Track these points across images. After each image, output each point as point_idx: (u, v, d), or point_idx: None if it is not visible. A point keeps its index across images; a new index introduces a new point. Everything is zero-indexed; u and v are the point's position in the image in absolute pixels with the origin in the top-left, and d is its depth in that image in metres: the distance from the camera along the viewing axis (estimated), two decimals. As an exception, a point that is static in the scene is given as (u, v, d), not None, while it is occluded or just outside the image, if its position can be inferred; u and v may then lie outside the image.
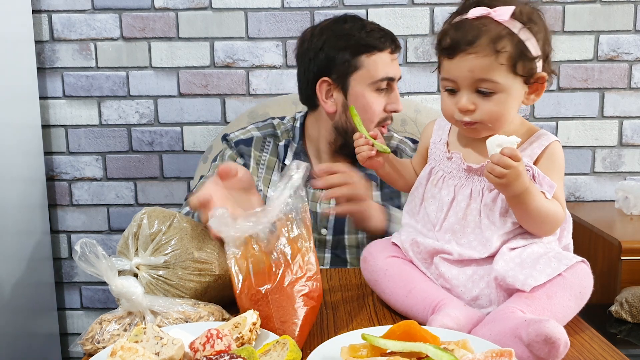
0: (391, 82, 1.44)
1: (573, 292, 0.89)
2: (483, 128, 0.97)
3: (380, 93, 1.44)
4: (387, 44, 1.42)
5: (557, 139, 0.99)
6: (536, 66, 0.95)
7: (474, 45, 0.92)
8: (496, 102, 0.95)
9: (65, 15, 2.12)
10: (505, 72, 0.93)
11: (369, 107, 1.43)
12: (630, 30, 2.11)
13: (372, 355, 0.75)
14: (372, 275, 1.06)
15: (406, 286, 0.99)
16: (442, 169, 1.04)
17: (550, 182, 0.94)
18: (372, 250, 1.08)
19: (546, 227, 0.95)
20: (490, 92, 0.94)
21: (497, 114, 0.95)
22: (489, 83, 0.93)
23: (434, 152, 1.07)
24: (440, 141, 1.07)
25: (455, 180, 1.02)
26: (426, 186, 1.06)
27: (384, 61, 1.42)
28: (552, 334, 0.76)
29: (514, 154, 0.87)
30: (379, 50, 1.41)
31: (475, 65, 0.93)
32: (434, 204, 1.03)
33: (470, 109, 0.95)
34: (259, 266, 0.91)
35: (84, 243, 0.84)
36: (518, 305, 0.87)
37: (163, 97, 2.17)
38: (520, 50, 0.93)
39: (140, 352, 0.72)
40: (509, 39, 0.92)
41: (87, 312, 2.31)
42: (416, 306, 0.95)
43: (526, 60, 0.93)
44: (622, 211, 2.02)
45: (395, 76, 1.44)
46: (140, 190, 2.23)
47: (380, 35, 1.42)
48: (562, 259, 0.91)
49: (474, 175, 1.00)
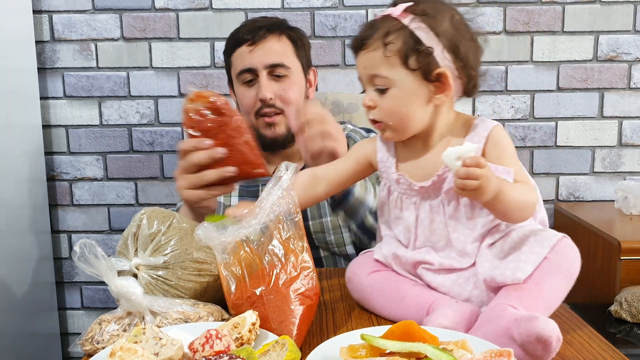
0: (254, 72, 1.46)
1: (561, 272, 0.88)
2: (389, 128, 0.97)
3: (249, 85, 1.47)
4: (244, 36, 1.46)
5: (496, 123, 0.95)
6: (435, 62, 0.92)
7: (367, 42, 0.94)
8: (391, 98, 0.94)
9: (65, 15, 2.13)
10: (397, 66, 0.92)
11: (240, 100, 1.51)
12: (630, 31, 2.11)
13: (371, 355, 0.75)
14: (359, 294, 1.04)
15: (397, 295, 0.98)
16: (396, 189, 1.02)
17: (506, 169, 0.91)
18: (354, 269, 1.07)
19: (527, 214, 0.92)
20: (384, 88, 0.94)
21: (394, 111, 0.94)
22: (379, 78, 0.94)
23: (385, 171, 1.03)
24: (387, 159, 1.03)
25: (412, 199, 0.99)
26: (388, 206, 1.04)
27: (241, 54, 1.47)
28: (543, 332, 0.76)
29: (478, 162, 0.83)
30: (238, 45, 1.48)
31: (367, 61, 0.94)
32: (400, 225, 1.02)
33: (370, 105, 0.96)
34: (252, 269, 0.91)
35: (83, 244, 0.84)
36: (509, 301, 0.85)
37: (163, 97, 2.17)
38: (412, 43, 0.91)
39: (140, 352, 0.72)
40: (399, 32, 0.92)
41: (87, 312, 2.31)
42: (411, 312, 0.94)
43: (420, 53, 0.91)
44: (621, 211, 2.02)
45: (254, 66, 1.45)
46: (141, 190, 2.23)
47: (244, 31, 1.47)
48: (543, 241, 0.89)
49: (428, 197, 0.97)
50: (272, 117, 1.47)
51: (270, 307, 0.88)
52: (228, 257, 0.91)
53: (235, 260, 0.91)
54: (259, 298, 0.89)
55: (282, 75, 1.47)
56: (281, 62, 1.46)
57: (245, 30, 1.48)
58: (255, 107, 1.47)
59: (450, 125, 0.98)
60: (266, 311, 0.88)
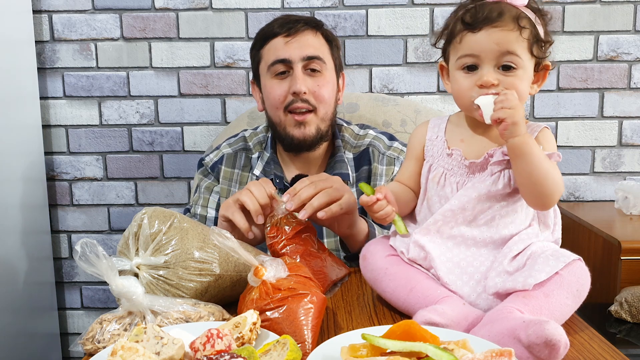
0: (289, 64, 1.41)
1: (570, 290, 0.89)
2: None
3: (281, 78, 1.42)
4: (279, 29, 1.42)
5: (545, 124, 1.01)
6: (546, 54, 0.99)
7: (500, 20, 0.95)
8: (518, 78, 0.96)
9: (65, 15, 2.13)
10: (526, 49, 0.96)
11: (268, 94, 1.44)
12: (630, 31, 2.11)
13: (372, 355, 0.75)
14: (372, 274, 1.05)
15: (407, 284, 0.99)
16: (442, 165, 1.04)
17: (554, 154, 0.96)
18: (371, 248, 1.08)
19: (550, 189, 0.93)
20: (513, 66, 0.96)
21: (519, 89, 0.96)
22: (514, 56, 0.95)
23: (431, 149, 1.07)
24: (437, 138, 1.07)
25: (456, 177, 1.02)
26: (427, 184, 1.06)
27: (275, 46, 1.42)
28: (552, 336, 0.76)
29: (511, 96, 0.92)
30: (272, 37, 1.43)
31: (502, 37, 0.95)
32: (438, 202, 1.03)
33: (495, 83, 0.96)
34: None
35: (84, 243, 0.84)
36: (516, 305, 0.86)
37: (163, 97, 2.17)
38: (536, 33, 0.96)
39: (141, 351, 0.72)
40: (527, 20, 0.96)
41: (87, 311, 2.31)
42: (417, 304, 0.95)
43: (540, 44, 0.97)
44: (621, 211, 2.02)
45: (289, 57, 1.40)
46: (141, 190, 2.23)
47: (278, 25, 1.43)
48: (559, 257, 0.91)
49: (475, 172, 1.00)
50: (304, 114, 1.41)
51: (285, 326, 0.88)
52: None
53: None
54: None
55: (317, 71, 1.42)
56: (318, 55, 1.41)
57: (280, 24, 1.43)
58: (286, 101, 1.41)
59: None
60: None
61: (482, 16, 0.95)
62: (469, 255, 0.99)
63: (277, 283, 0.91)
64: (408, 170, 1.11)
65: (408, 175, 1.11)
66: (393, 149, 1.51)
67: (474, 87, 0.97)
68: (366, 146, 1.52)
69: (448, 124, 1.08)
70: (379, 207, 1.02)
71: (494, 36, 0.95)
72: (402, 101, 1.89)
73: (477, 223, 0.99)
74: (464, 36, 0.97)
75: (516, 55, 0.95)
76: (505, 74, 0.96)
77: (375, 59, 2.14)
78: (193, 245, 0.99)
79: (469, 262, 0.98)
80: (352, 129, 1.57)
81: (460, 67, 0.99)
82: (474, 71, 0.98)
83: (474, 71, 0.98)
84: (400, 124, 1.82)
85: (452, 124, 1.07)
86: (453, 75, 1.01)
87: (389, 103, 1.87)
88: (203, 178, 1.54)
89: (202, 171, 1.55)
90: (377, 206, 1.02)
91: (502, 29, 0.95)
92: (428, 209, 1.05)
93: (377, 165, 1.50)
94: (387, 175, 1.49)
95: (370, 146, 1.52)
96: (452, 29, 1.00)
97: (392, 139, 1.55)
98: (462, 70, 0.99)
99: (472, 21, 0.96)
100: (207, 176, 1.54)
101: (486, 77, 0.96)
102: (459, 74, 1.00)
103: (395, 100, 1.89)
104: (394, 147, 1.52)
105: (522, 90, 0.97)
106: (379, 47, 2.13)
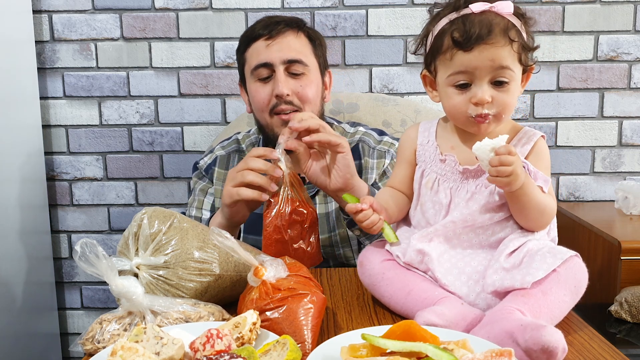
0: (271, 67, 1.39)
1: (568, 286, 0.90)
2: (494, 121, 0.98)
3: (264, 82, 1.41)
4: (261, 31, 1.41)
5: (542, 134, 1.01)
6: (533, 59, 1.00)
7: (491, 36, 0.94)
8: (510, 92, 0.97)
9: (65, 15, 2.13)
10: (517, 60, 0.97)
11: (253, 97, 1.44)
12: (630, 31, 2.11)
13: (372, 355, 0.75)
14: (369, 280, 1.05)
15: (405, 287, 0.99)
16: (435, 171, 1.04)
17: (545, 177, 0.97)
18: (367, 254, 1.08)
19: (544, 219, 0.97)
20: (506, 81, 0.96)
21: (510, 104, 0.98)
22: (507, 70, 0.96)
23: (423, 154, 1.07)
24: (429, 143, 1.07)
25: (450, 183, 1.02)
26: (420, 189, 1.06)
27: (257, 50, 1.41)
28: (549, 342, 0.76)
29: (510, 150, 0.90)
30: (254, 40, 1.42)
31: (495, 54, 0.95)
32: (432, 208, 1.04)
33: (489, 101, 0.96)
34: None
35: (84, 243, 0.84)
36: (515, 304, 0.86)
37: (163, 97, 2.17)
38: (524, 43, 0.97)
39: (141, 351, 0.72)
40: (515, 30, 0.96)
41: (87, 311, 2.31)
42: (416, 307, 0.95)
43: (527, 51, 0.98)
44: (621, 211, 2.02)
45: (271, 60, 1.39)
46: (141, 190, 2.23)
47: (260, 26, 1.42)
48: (556, 254, 0.91)
49: (469, 178, 1.01)
50: (289, 114, 1.38)
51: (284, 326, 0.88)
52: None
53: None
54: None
55: (300, 73, 1.40)
56: (299, 58, 1.40)
57: (262, 26, 1.42)
58: (271, 104, 1.40)
59: (504, 122, 1.02)
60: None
61: (473, 34, 0.94)
62: (467, 256, 0.99)
63: (277, 283, 0.91)
64: (400, 174, 1.11)
65: (400, 180, 1.11)
66: (383, 142, 1.52)
67: (468, 104, 0.97)
68: (356, 142, 1.53)
69: (438, 127, 1.08)
70: (364, 217, 1.03)
71: (486, 53, 0.94)
72: (402, 101, 1.89)
73: (476, 231, 1.00)
74: (454, 54, 0.96)
75: (509, 69, 0.96)
76: (498, 89, 0.96)
77: (375, 59, 2.14)
78: (193, 245, 0.99)
79: (467, 262, 0.98)
80: (342, 127, 1.59)
81: (452, 84, 0.99)
82: (466, 88, 0.98)
83: (467, 88, 0.98)
84: (400, 124, 1.82)
85: (442, 128, 1.08)
86: (445, 91, 1.00)
87: (389, 103, 1.87)
88: (198, 181, 1.57)
89: (197, 174, 1.58)
90: (362, 215, 1.03)
91: (493, 45, 0.94)
92: (422, 214, 1.06)
93: (367, 159, 1.50)
94: (378, 168, 1.49)
95: (360, 142, 1.52)
96: (438, 43, 0.99)
97: (382, 134, 1.55)
98: (454, 87, 0.99)
99: (463, 40, 0.95)
100: (202, 179, 1.56)
101: (480, 95, 0.96)
102: (451, 90, 0.99)
103: (395, 100, 1.89)
104: (384, 141, 1.52)
105: (513, 104, 0.98)
106: (379, 47, 2.13)
